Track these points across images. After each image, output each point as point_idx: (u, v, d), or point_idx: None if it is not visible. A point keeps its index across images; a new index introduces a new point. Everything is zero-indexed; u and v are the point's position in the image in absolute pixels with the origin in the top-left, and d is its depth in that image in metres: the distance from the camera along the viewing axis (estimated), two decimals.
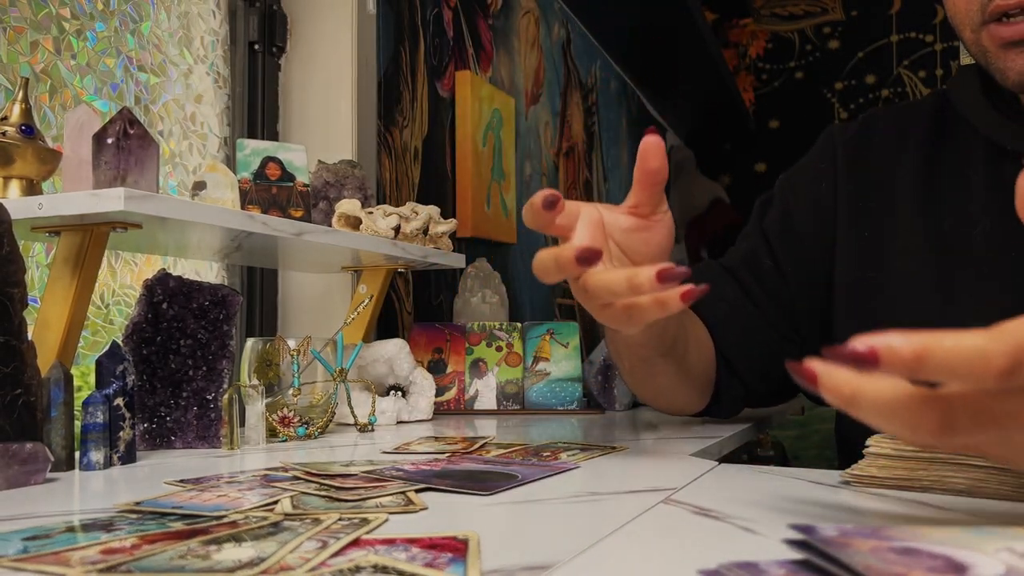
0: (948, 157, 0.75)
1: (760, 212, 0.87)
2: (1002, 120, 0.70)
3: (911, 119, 0.79)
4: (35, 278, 0.91)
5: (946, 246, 0.71)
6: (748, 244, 0.85)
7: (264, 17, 1.28)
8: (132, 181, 0.68)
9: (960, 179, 0.73)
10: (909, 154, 0.77)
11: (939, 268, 0.71)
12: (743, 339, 0.82)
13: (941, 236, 0.72)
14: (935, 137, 0.77)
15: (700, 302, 0.84)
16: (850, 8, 3.61)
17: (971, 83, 0.73)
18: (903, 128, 0.79)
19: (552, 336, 1.21)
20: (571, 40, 2.34)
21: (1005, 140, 0.69)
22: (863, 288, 0.76)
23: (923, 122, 0.78)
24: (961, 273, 0.70)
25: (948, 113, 0.77)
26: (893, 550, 0.29)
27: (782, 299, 0.82)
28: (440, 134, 1.58)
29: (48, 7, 0.96)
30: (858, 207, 0.78)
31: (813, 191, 0.82)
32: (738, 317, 0.82)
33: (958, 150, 0.74)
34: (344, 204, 1.04)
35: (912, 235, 0.73)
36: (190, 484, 0.53)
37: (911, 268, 0.73)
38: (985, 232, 0.69)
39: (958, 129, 0.75)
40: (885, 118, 0.82)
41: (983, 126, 0.71)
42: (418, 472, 0.55)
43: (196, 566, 0.32)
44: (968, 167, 0.73)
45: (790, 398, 0.90)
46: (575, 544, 0.36)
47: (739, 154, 3.82)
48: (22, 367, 0.57)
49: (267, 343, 0.87)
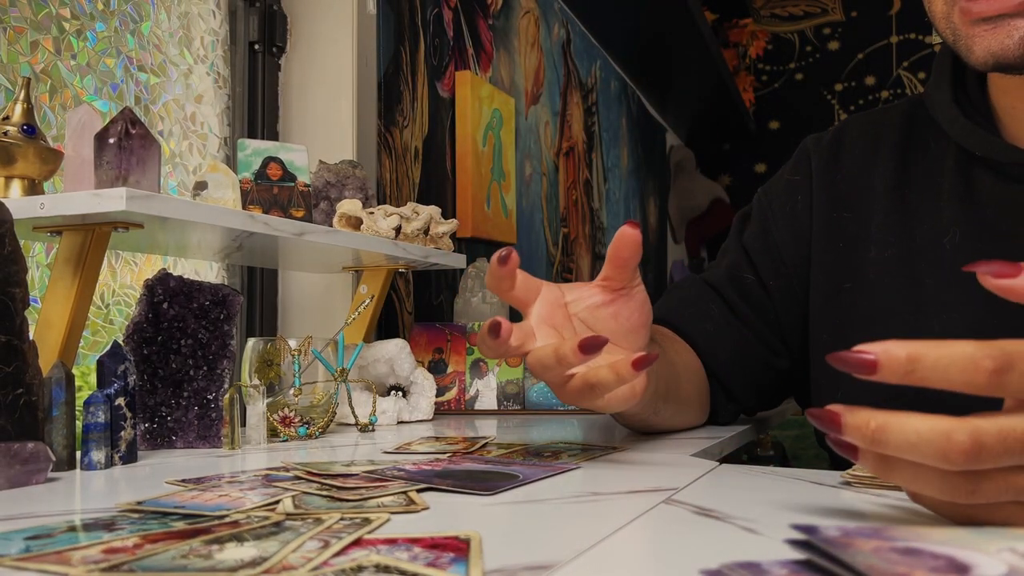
0: (920, 165, 0.74)
1: (739, 227, 0.87)
2: (971, 127, 0.69)
3: (885, 125, 0.79)
4: (36, 278, 0.91)
5: (918, 255, 0.71)
6: (729, 259, 0.86)
7: (264, 17, 1.28)
8: (134, 181, 0.68)
9: (931, 187, 0.72)
10: (882, 162, 0.76)
11: (910, 278, 0.71)
12: (732, 357, 0.83)
13: (912, 245, 0.71)
14: (908, 144, 0.76)
15: (686, 323, 0.84)
16: (850, 9, 3.61)
17: (943, 88, 0.72)
18: (876, 135, 0.78)
19: None
20: (571, 40, 2.34)
21: (973, 147, 0.68)
22: (838, 300, 0.76)
23: (897, 128, 0.77)
24: (931, 283, 0.69)
25: (922, 118, 0.76)
26: (895, 550, 0.29)
27: (767, 313, 0.82)
28: (440, 134, 1.58)
29: (48, 7, 0.96)
30: (832, 218, 0.78)
31: (789, 205, 0.82)
32: (725, 335, 0.82)
33: (930, 157, 0.74)
34: (345, 204, 1.04)
35: (884, 245, 0.73)
36: (192, 484, 0.53)
37: (883, 278, 0.72)
38: (954, 242, 0.69)
39: (930, 135, 0.74)
40: (859, 125, 0.81)
41: (953, 133, 0.70)
42: (419, 472, 0.55)
43: (198, 566, 0.32)
44: (940, 175, 0.72)
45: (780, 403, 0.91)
46: (577, 544, 0.36)
47: (739, 155, 3.82)
48: (24, 367, 0.57)
49: (268, 343, 0.87)
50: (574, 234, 2.32)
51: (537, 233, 2.04)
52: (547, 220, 2.12)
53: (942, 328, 0.67)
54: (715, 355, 0.82)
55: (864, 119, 0.82)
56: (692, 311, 0.84)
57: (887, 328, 0.70)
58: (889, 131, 0.78)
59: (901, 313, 0.70)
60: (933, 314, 0.68)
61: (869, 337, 0.55)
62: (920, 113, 0.76)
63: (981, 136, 0.68)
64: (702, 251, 3.80)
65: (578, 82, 2.39)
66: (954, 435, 0.32)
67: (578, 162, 2.37)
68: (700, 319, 0.83)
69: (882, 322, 0.71)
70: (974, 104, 0.70)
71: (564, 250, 2.23)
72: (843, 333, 0.75)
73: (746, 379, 0.83)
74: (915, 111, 0.77)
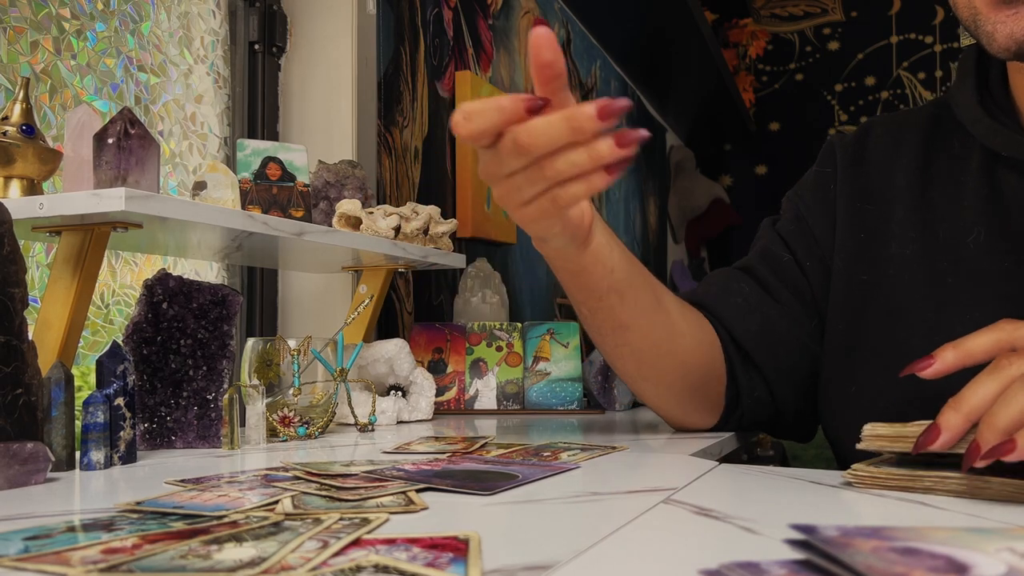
0: (944, 164, 0.74)
1: (771, 222, 0.85)
2: (996, 127, 0.69)
3: (909, 125, 0.79)
4: (35, 278, 0.91)
5: (940, 253, 0.71)
6: (763, 243, 0.83)
7: (264, 17, 1.28)
8: (133, 181, 0.68)
9: (955, 186, 0.72)
10: (905, 160, 0.77)
11: (932, 275, 0.71)
12: (763, 329, 0.77)
13: (935, 243, 0.71)
14: (932, 143, 0.76)
15: (710, 299, 0.81)
16: (850, 9, 3.61)
17: (968, 89, 0.72)
18: (901, 134, 0.79)
19: (552, 336, 1.21)
20: (571, 40, 2.34)
21: (998, 147, 0.69)
22: (855, 290, 0.76)
23: (921, 128, 0.78)
24: (953, 280, 0.69)
25: (946, 119, 0.76)
26: (894, 550, 0.29)
27: (803, 293, 0.79)
28: (440, 134, 1.58)
29: (48, 7, 0.96)
30: (855, 208, 0.78)
31: (821, 192, 0.81)
32: (755, 309, 0.78)
33: (954, 157, 0.74)
34: (345, 204, 1.04)
35: (906, 241, 0.73)
36: (191, 484, 0.53)
37: (904, 274, 0.72)
38: (978, 240, 0.69)
39: (955, 135, 0.74)
40: (884, 124, 0.81)
41: (978, 133, 0.70)
42: (419, 472, 0.55)
43: (197, 566, 0.32)
44: (964, 174, 0.72)
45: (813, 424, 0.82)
46: (576, 544, 0.36)
47: (739, 155, 3.82)
48: (23, 367, 0.57)
49: (267, 343, 0.87)
50: None
51: None
52: None
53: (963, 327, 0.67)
54: (743, 326, 0.78)
55: (888, 120, 0.82)
56: (718, 289, 0.81)
57: (908, 325, 0.70)
58: (913, 131, 0.78)
59: (922, 310, 0.70)
60: (955, 312, 0.68)
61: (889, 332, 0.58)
62: (944, 114, 0.77)
63: (1006, 136, 0.68)
64: (702, 251, 3.80)
65: (578, 82, 2.39)
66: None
67: None
68: (729, 295, 0.80)
69: (903, 319, 0.71)
70: (998, 104, 0.71)
71: None
72: (860, 325, 0.74)
73: (776, 354, 0.78)
74: (939, 112, 0.78)
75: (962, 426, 0.46)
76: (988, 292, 0.67)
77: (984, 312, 0.67)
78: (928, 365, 0.50)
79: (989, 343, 0.49)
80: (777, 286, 0.80)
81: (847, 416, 0.74)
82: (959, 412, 0.46)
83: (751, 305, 0.79)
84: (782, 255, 0.80)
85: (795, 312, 0.79)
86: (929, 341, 0.69)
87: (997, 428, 0.43)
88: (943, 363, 0.50)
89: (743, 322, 0.78)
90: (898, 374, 0.53)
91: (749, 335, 0.78)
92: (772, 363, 0.78)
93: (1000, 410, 0.44)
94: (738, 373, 0.79)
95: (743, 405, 0.80)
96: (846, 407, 0.74)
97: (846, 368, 0.75)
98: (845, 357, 0.75)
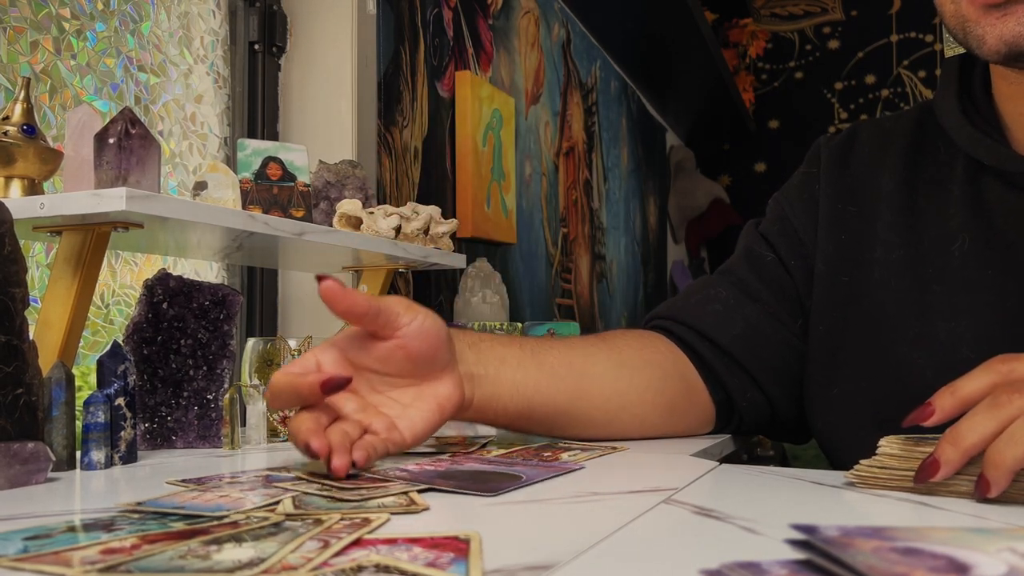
0: (929, 171, 0.74)
1: (754, 224, 0.85)
2: (978, 136, 0.68)
3: (895, 130, 0.78)
4: (36, 278, 0.91)
5: (925, 260, 0.70)
6: (745, 243, 0.83)
7: (264, 17, 1.28)
8: (134, 181, 0.68)
9: (940, 194, 0.72)
10: (890, 164, 0.76)
11: (917, 281, 0.70)
12: (745, 331, 0.77)
13: (920, 250, 0.71)
14: (918, 148, 0.75)
15: (689, 313, 0.80)
16: (850, 8, 3.61)
17: (950, 97, 0.72)
18: (886, 139, 0.78)
19: (552, 336, 1.21)
20: (571, 40, 2.34)
21: (981, 156, 0.68)
22: (835, 292, 0.75)
23: (907, 134, 0.77)
24: (937, 288, 0.69)
25: (931, 125, 0.75)
26: (895, 550, 0.29)
27: (787, 292, 0.79)
28: (440, 134, 1.58)
29: (48, 7, 0.96)
30: (837, 209, 0.77)
31: (807, 193, 0.81)
32: (735, 312, 0.78)
33: (939, 164, 0.73)
34: (345, 204, 1.04)
35: (891, 247, 0.72)
36: (192, 484, 0.52)
37: (889, 280, 0.72)
38: (962, 249, 0.68)
39: (940, 143, 0.74)
40: (869, 129, 0.81)
41: (961, 141, 0.70)
42: (421, 472, 0.55)
43: (196, 566, 0.32)
44: (949, 182, 0.72)
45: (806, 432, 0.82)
46: (577, 544, 0.36)
47: (739, 154, 3.82)
48: (24, 367, 0.57)
49: (268, 343, 0.87)
50: (574, 234, 2.32)
51: (537, 233, 2.04)
52: (547, 220, 2.12)
53: (948, 334, 0.67)
54: (727, 331, 0.77)
55: (875, 124, 0.81)
56: (696, 299, 0.80)
57: (892, 330, 0.70)
58: (899, 136, 0.77)
59: (906, 317, 0.70)
60: (940, 320, 0.68)
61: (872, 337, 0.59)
62: (929, 119, 0.76)
63: (988, 145, 0.68)
64: (702, 251, 3.80)
65: (578, 82, 2.39)
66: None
67: (578, 162, 2.37)
68: (707, 303, 0.79)
69: (887, 324, 0.70)
70: (981, 112, 0.70)
71: (563, 250, 2.23)
72: (843, 328, 0.74)
73: (762, 357, 0.77)
74: (924, 117, 0.77)
75: (960, 462, 0.46)
76: (973, 300, 0.67)
77: (968, 320, 0.66)
78: (929, 414, 0.50)
79: (984, 386, 0.50)
80: (758, 287, 0.79)
81: (830, 417, 0.73)
82: (957, 449, 0.46)
83: (730, 309, 0.78)
84: (765, 255, 0.80)
85: (777, 311, 0.78)
86: (913, 348, 0.69)
87: (1006, 468, 0.44)
88: (943, 412, 0.50)
89: (725, 328, 0.78)
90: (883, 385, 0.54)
91: (732, 339, 0.77)
92: (757, 363, 0.78)
93: (1007, 450, 0.44)
94: (724, 378, 0.78)
95: (739, 409, 0.79)
96: (829, 409, 0.74)
97: (828, 370, 0.74)
98: (827, 359, 0.75)
